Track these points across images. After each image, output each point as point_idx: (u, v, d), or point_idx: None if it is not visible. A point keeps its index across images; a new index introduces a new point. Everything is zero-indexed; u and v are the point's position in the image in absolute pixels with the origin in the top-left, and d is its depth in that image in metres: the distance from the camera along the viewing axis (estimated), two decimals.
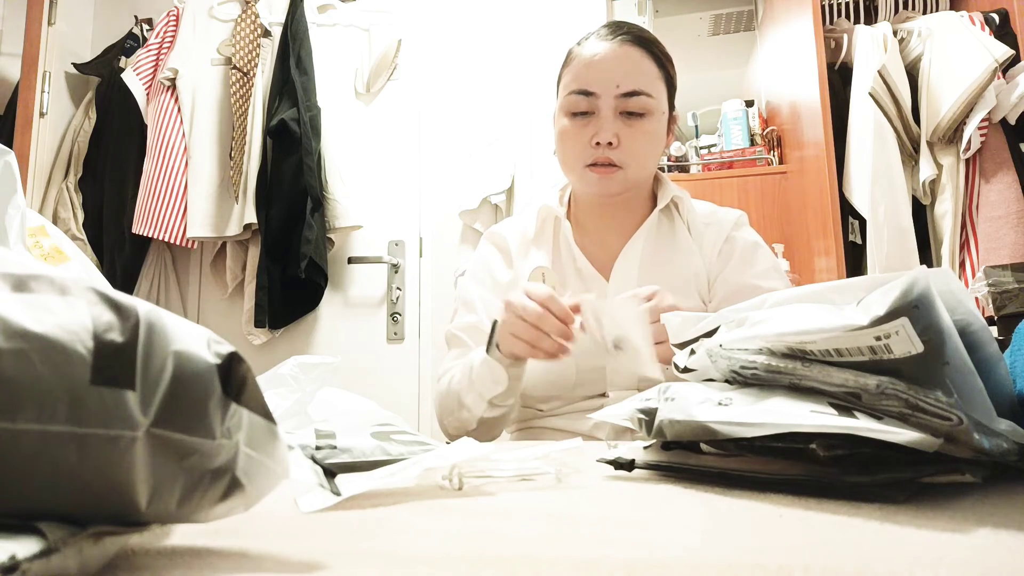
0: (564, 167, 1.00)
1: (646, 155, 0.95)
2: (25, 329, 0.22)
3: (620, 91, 0.92)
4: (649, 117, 0.93)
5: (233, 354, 0.26)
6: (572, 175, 0.99)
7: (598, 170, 0.93)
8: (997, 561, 0.26)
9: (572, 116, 0.95)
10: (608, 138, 0.91)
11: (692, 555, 0.27)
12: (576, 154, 0.95)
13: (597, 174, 0.93)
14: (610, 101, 0.92)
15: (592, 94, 0.93)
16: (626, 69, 0.93)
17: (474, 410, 0.89)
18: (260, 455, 0.27)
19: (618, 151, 0.92)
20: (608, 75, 0.92)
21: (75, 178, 2.26)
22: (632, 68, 0.93)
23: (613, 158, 0.92)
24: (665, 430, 0.46)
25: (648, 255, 0.98)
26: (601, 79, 0.92)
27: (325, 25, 2.27)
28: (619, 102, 0.92)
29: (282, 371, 0.61)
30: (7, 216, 0.50)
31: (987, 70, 1.71)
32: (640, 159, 0.94)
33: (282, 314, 2.09)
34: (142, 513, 0.24)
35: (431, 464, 0.43)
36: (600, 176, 0.93)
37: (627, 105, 0.92)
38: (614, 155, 0.92)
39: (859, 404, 0.37)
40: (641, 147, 0.94)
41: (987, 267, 1.08)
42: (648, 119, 0.93)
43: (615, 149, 0.92)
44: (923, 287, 0.33)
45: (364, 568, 0.27)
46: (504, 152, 2.11)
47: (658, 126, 0.95)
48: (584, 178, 0.95)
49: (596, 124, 0.93)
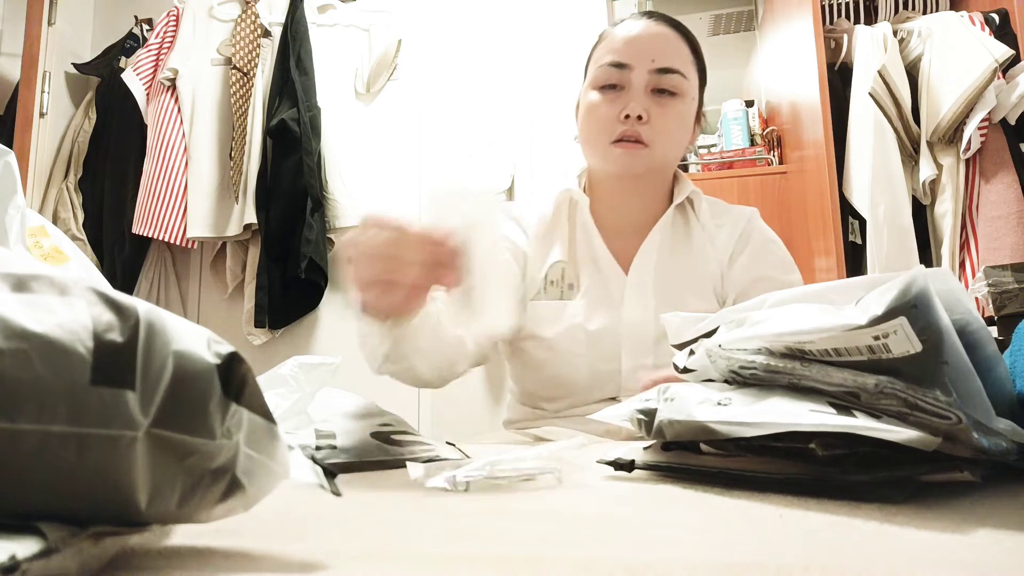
0: (587, 145, 0.96)
1: (674, 136, 0.93)
2: (25, 329, 0.22)
3: (655, 66, 0.90)
4: (681, 98, 0.92)
5: (233, 354, 0.26)
6: (596, 152, 0.95)
7: (624, 145, 0.90)
8: (997, 561, 0.26)
9: (602, 89, 0.92)
10: (638, 111, 0.89)
11: (692, 555, 0.27)
12: (602, 127, 0.92)
13: (623, 149, 0.90)
14: (643, 75, 0.90)
15: (626, 66, 0.91)
16: (662, 46, 0.91)
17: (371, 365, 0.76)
18: (260, 455, 0.27)
19: (647, 127, 0.90)
20: (644, 49, 0.91)
21: (75, 178, 2.26)
22: (668, 45, 0.92)
23: (641, 133, 0.90)
24: (665, 430, 0.46)
25: (665, 254, 0.96)
26: (636, 52, 0.91)
27: (325, 25, 2.27)
28: (653, 77, 0.90)
29: (282, 371, 0.61)
30: (7, 216, 0.50)
31: (987, 70, 1.71)
32: (667, 139, 0.92)
33: (282, 314, 2.09)
34: (142, 513, 0.24)
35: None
36: (625, 152, 0.90)
37: (660, 82, 0.90)
38: (643, 130, 0.90)
39: (858, 403, 0.37)
40: (670, 126, 0.91)
41: (987, 267, 1.08)
42: (679, 100, 0.92)
43: (644, 124, 0.90)
44: (921, 286, 0.33)
45: (364, 568, 0.27)
46: (504, 152, 2.11)
47: (688, 110, 0.94)
48: (608, 155, 0.92)
49: (627, 97, 0.90)
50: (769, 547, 0.29)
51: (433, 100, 2.26)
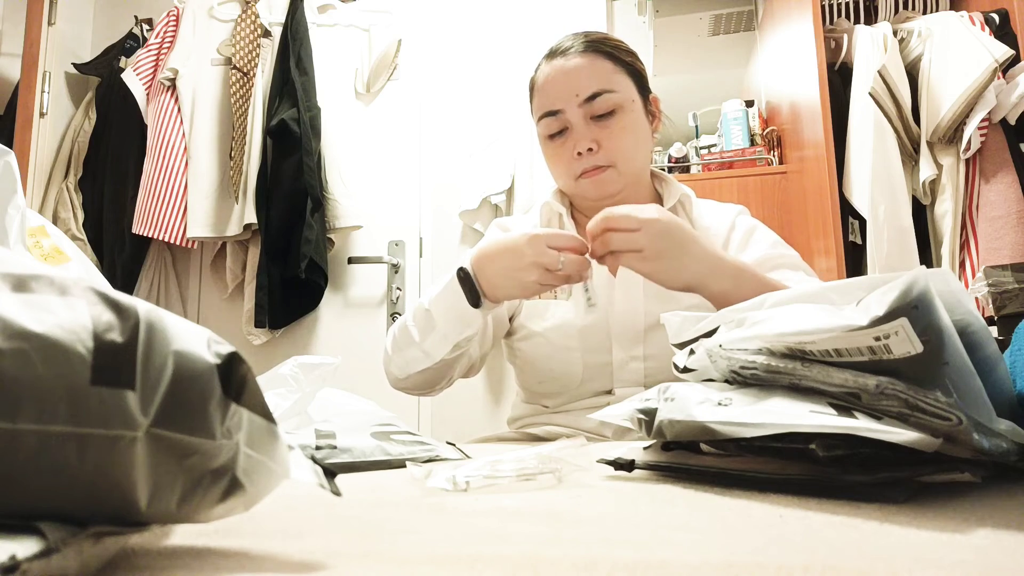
0: (560, 185, 1.02)
1: (630, 148, 0.96)
2: (25, 329, 0.22)
3: (581, 98, 0.93)
4: (620, 112, 0.94)
5: (233, 354, 0.26)
6: (569, 189, 1.00)
7: (589, 175, 0.95)
8: (997, 561, 0.26)
9: (550, 139, 0.97)
10: (587, 145, 0.93)
11: (692, 555, 0.27)
12: (564, 170, 0.97)
13: (589, 179, 0.95)
14: (576, 111, 0.94)
15: (558, 111, 0.95)
16: (580, 77, 0.94)
17: (433, 353, 0.88)
18: (260, 455, 0.27)
19: (601, 154, 0.94)
20: (565, 89, 0.94)
21: (75, 178, 2.26)
22: (585, 73, 0.94)
23: (598, 161, 0.94)
24: (665, 430, 0.46)
25: None
26: (560, 95, 0.94)
27: (325, 25, 2.27)
28: (585, 108, 0.94)
29: (282, 371, 0.61)
30: (7, 216, 0.50)
31: (987, 70, 1.71)
32: (625, 153, 0.95)
33: (282, 314, 2.09)
34: (142, 513, 0.24)
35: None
36: (592, 181, 0.95)
37: (593, 109, 0.94)
38: (598, 159, 0.94)
39: (859, 404, 0.37)
40: (622, 142, 0.94)
41: (987, 267, 1.07)
42: (620, 114, 0.94)
43: (597, 154, 0.93)
44: (922, 287, 0.33)
45: (364, 568, 0.27)
46: (504, 152, 2.11)
47: (633, 117, 0.96)
48: (579, 188, 0.97)
49: (573, 137, 0.94)
50: (769, 547, 0.29)
51: (433, 100, 2.26)
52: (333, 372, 0.63)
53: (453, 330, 0.86)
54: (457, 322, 0.85)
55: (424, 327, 0.88)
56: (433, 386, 0.97)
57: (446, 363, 0.90)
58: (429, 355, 0.89)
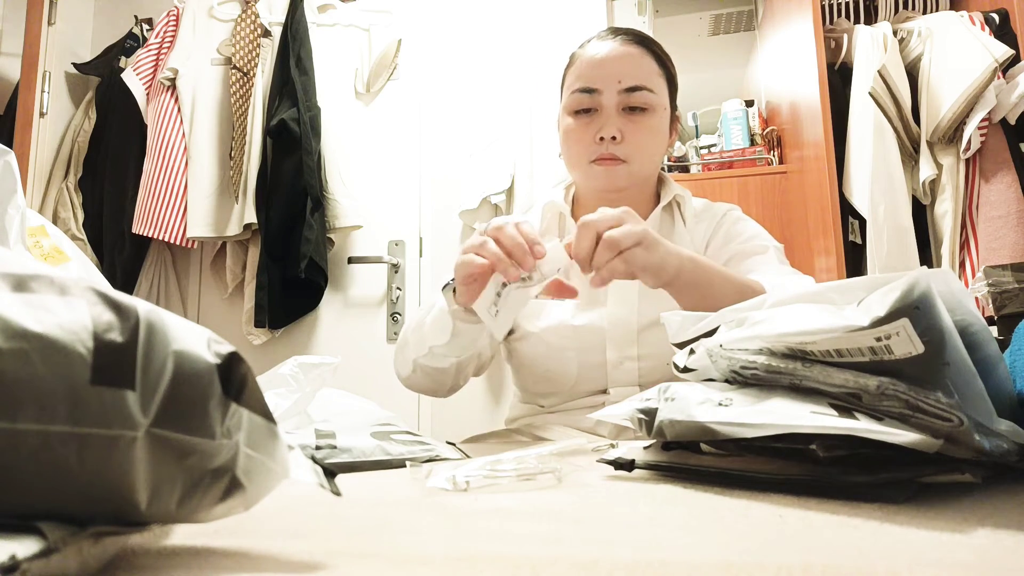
0: (569, 165, 1.01)
1: (650, 149, 0.97)
2: (25, 329, 0.22)
3: (622, 86, 0.94)
4: (651, 112, 0.95)
5: (233, 354, 0.26)
6: (578, 172, 1.00)
7: (603, 163, 0.95)
8: (997, 561, 0.26)
9: (576, 114, 0.97)
10: (612, 132, 0.93)
11: (692, 555, 0.27)
12: (581, 151, 0.96)
13: (602, 167, 0.95)
14: (613, 97, 0.94)
15: (595, 91, 0.95)
16: (627, 66, 0.95)
17: (414, 350, 0.90)
18: (260, 455, 0.27)
19: (622, 146, 0.94)
20: (610, 72, 0.94)
21: (75, 178, 2.26)
22: (633, 64, 0.95)
23: (618, 152, 0.94)
24: (665, 430, 0.46)
25: None
26: (604, 76, 0.94)
27: (325, 25, 2.27)
28: (622, 97, 0.94)
29: (282, 371, 0.61)
30: (7, 216, 0.50)
31: (987, 70, 1.71)
32: (644, 153, 0.96)
33: (282, 314, 2.08)
34: (142, 513, 0.24)
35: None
36: (605, 169, 0.95)
37: (630, 100, 0.94)
38: (618, 150, 0.94)
39: (859, 405, 0.37)
40: (645, 141, 0.95)
41: (987, 267, 1.07)
42: (650, 114, 0.95)
43: (619, 144, 0.94)
44: (924, 288, 0.33)
45: (364, 568, 0.27)
46: (504, 152, 2.11)
47: (660, 122, 0.97)
48: (590, 173, 0.97)
49: (600, 120, 0.94)
50: (769, 547, 0.29)
51: (433, 100, 2.26)
52: (333, 372, 0.63)
53: (431, 332, 0.86)
54: (437, 322, 0.85)
55: (415, 322, 0.90)
56: (447, 384, 0.97)
57: (425, 370, 0.92)
58: (413, 351, 0.91)
